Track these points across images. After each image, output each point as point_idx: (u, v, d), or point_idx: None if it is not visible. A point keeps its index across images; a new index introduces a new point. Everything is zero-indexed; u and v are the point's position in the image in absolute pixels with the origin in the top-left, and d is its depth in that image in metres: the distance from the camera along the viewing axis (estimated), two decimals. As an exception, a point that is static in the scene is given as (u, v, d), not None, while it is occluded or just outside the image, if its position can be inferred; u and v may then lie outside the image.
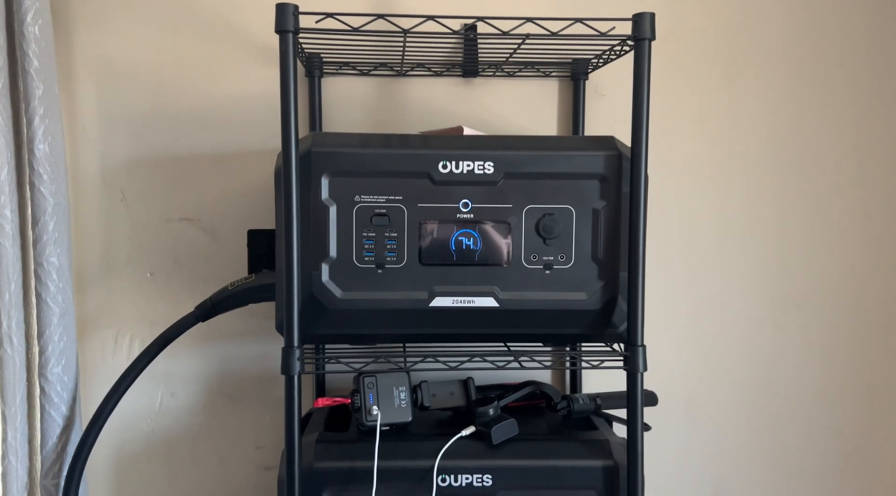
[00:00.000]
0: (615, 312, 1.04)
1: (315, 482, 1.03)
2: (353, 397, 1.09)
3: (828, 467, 1.41)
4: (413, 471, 1.04)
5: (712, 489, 1.40)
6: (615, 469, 1.04)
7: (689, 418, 1.39)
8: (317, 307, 1.02)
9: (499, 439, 1.06)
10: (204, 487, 1.33)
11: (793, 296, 1.40)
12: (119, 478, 1.31)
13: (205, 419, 1.33)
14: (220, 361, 1.33)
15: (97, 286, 1.30)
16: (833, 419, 1.41)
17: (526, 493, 1.04)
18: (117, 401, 1.12)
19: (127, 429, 1.31)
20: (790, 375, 1.41)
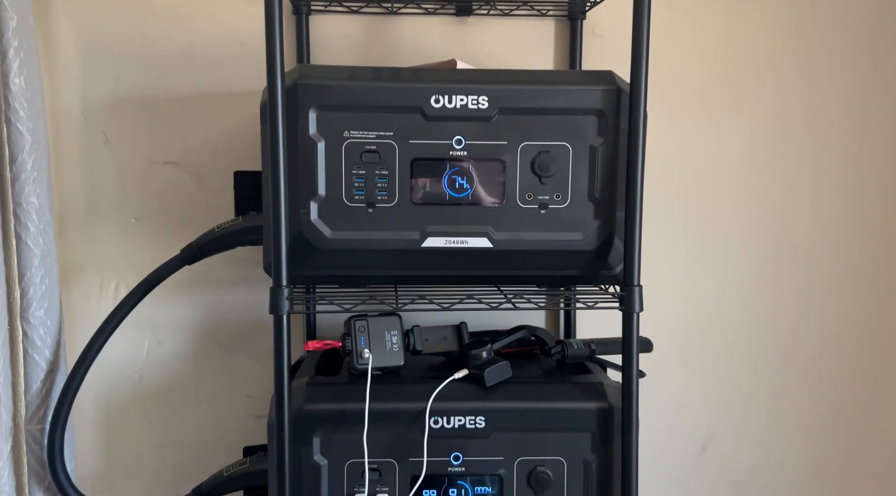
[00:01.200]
0: (611, 253, 1.02)
1: (305, 424, 1.02)
2: (344, 341, 1.07)
3: (824, 419, 1.41)
4: (405, 413, 1.03)
5: (704, 439, 1.40)
6: (609, 411, 1.03)
7: (685, 367, 1.38)
8: (305, 247, 0.99)
9: (492, 381, 1.05)
10: (194, 436, 1.31)
11: (794, 243, 1.38)
12: (107, 426, 1.30)
13: (193, 368, 1.31)
14: (209, 309, 1.31)
15: (80, 231, 1.27)
16: (831, 371, 1.41)
17: (519, 435, 1.03)
18: (102, 345, 1.09)
19: (114, 378, 1.29)
20: (789, 325, 1.39)
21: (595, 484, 1.04)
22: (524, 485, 1.04)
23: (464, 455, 1.03)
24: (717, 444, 1.39)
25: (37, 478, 1.11)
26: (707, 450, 1.39)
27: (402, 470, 1.03)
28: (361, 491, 1.02)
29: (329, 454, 1.02)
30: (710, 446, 1.39)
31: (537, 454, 1.04)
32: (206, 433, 1.32)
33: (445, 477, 1.04)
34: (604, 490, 1.04)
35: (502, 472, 1.03)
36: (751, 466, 1.40)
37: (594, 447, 1.04)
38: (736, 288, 1.38)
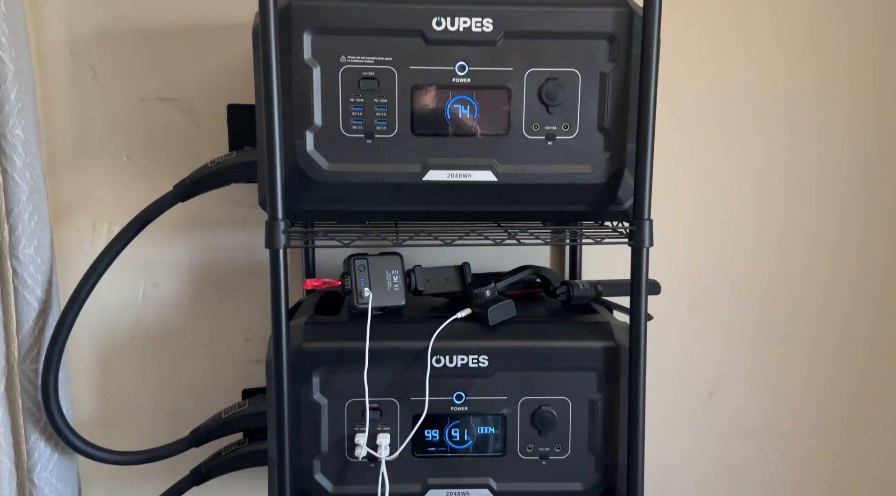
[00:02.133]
0: (621, 187, 0.98)
1: (305, 363, 0.99)
2: (344, 280, 1.04)
3: (833, 366, 1.38)
4: (407, 351, 1.00)
5: (711, 386, 1.37)
6: (616, 350, 1.00)
7: (692, 313, 1.35)
8: (302, 179, 0.95)
9: (496, 320, 1.02)
10: (192, 380, 1.29)
11: (805, 184, 1.34)
12: (103, 370, 1.28)
13: (190, 311, 1.29)
14: (205, 252, 1.27)
15: (71, 171, 1.23)
16: (841, 317, 1.37)
17: (523, 374, 1.00)
18: (95, 283, 1.06)
19: (109, 321, 1.27)
20: (798, 270, 1.36)
21: (600, 424, 1.01)
22: (528, 424, 1.02)
23: (466, 394, 1.01)
24: (723, 391, 1.37)
25: (32, 418, 1.09)
26: (713, 397, 1.37)
27: (404, 409, 1.01)
28: (362, 430, 1.00)
29: (329, 393, 1.00)
30: (716, 393, 1.37)
31: (542, 393, 1.01)
32: (204, 377, 1.30)
33: (448, 416, 1.01)
34: (609, 430, 1.02)
35: (506, 412, 1.01)
36: (757, 413, 1.38)
37: (600, 387, 1.01)
38: (745, 231, 1.34)
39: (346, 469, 1.01)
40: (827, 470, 1.40)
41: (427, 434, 1.02)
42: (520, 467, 1.02)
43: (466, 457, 1.02)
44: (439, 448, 1.02)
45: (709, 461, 1.38)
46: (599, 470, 1.02)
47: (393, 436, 1.01)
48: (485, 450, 1.02)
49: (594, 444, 1.02)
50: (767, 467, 1.39)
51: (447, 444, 1.02)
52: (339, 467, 1.01)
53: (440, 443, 1.02)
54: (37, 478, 1.09)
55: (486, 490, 1.02)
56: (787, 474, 1.39)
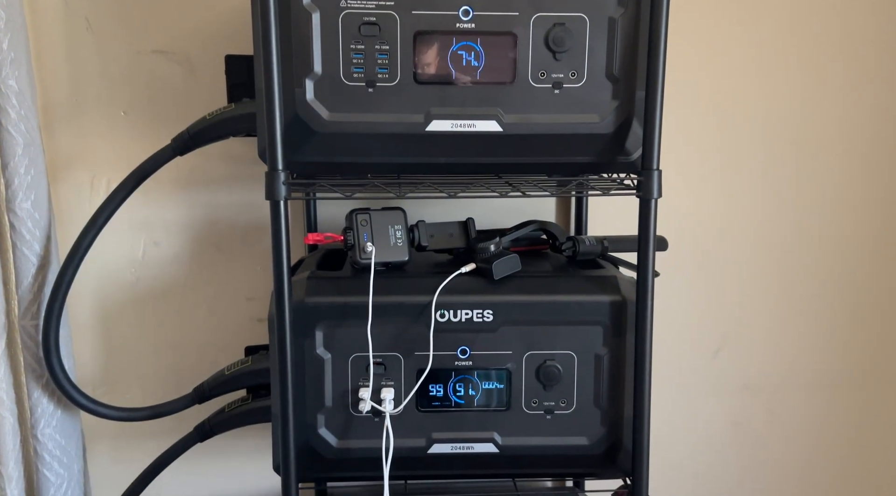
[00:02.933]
0: (629, 137, 0.95)
1: (307, 318, 0.98)
2: (346, 235, 1.02)
3: (840, 323, 1.37)
4: (410, 306, 0.99)
5: (718, 343, 1.36)
6: (623, 303, 0.99)
7: (700, 269, 1.34)
8: (302, 129, 0.93)
9: (500, 274, 1.00)
10: (194, 339, 1.29)
11: (816, 138, 1.31)
12: (105, 329, 1.27)
13: (192, 269, 1.27)
14: (205, 209, 1.26)
15: (67, 126, 1.20)
16: (848, 274, 1.36)
17: (528, 329, 0.99)
18: (94, 237, 1.05)
19: (110, 279, 1.26)
20: (808, 225, 1.34)
21: (606, 378, 1.01)
22: (533, 379, 1.01)
23: (471, 349, 1.00)
24: (730, 349, 1.36)
25: (34, 374, 1.09)
26: (720, 355, 1.36)
27: (408, 364, 1.00)
28: (366, 385, 0.99)
29: (332, 348, 0.99)
30: (723, 350, 1.36)
31: (547, 348, 1.00)
32: (206, 336, 1.29)
33: (452, 371, 1.01)
34: (615, 385, 1.01)
35: (511, 367, 1.00)
36: (764, 371, 1.37)
37: (606, 341, 1.00)
38: (753, 186, 1.32)
39: (351, 423, 1.01)
40: (833, 427, 1.40)
41: (431, 389, 1.01)
42: (524, 422, 1.01)
43: (471, 411, 1.01)
44: (443, 403, 1.01)
45: (714, 419, 1.38)
46: (605, 424, 1.02)
47: (397, 391, 1.00)
48: (489, 404, 1.01)
49: (600, 399, 1.01)
50: (773, 425, 1.39)
51: (451, 399, 1.01)
52: (343, 422, 1.00)
53: (444, 398, 1.01)
54: (40, 433, 1.09)
55: (490, 444, 1.01)
56: (793, 432, 1.39)
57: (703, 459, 1.39)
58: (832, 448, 1.40)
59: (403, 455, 1.00)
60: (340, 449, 1.01)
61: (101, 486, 1.28)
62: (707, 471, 1.39)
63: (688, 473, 1.39)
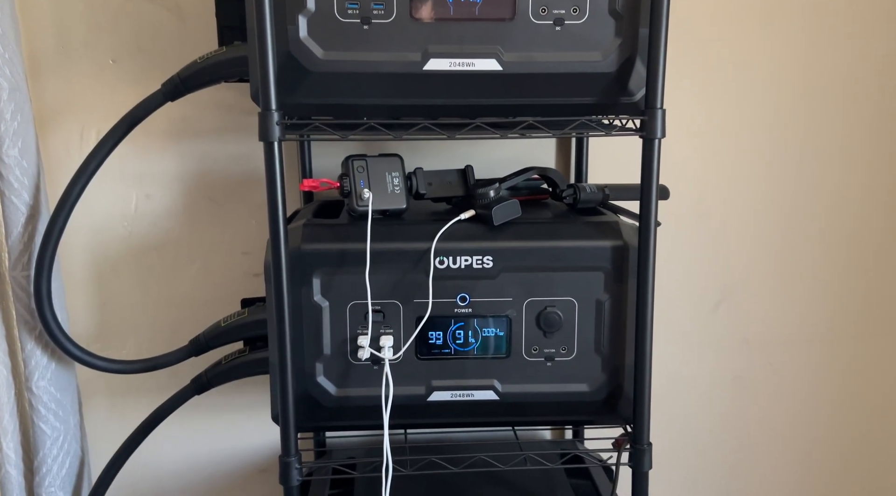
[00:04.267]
0: (632, 76, 0.93)
1: (304, 265, 0.96)
2: (342, 181, 1.00)
3: (841, 276, 1.36)
4: (409, 253, 0.97)
5: (718, 296, 1.35)
6: (625, 248, 0.98)
7: (701, 220, 1.32)
8: (295, 69, 0.90)
9: (500, 220, 0.98)
10: (189, 294, 1.27)
11: (820, 88, 1.29)
12: (99, 284, 1.25)
13: (185, 223, 1.25)
14: (198, 161, 1.23)
15: (54, 75, 1.17)
16: (850, 226, 1.34)
17: (529, 275, 0.98)
18: (85, 185, 1.02)
19: (102, 233, 1.24)
20: (810, 177, 1.32)
21: (607, 325, 0.99)
22: (533, 326, 1.00)
23: (471, 296, 0.99)
24: (730, 302, 1.35)
25: (26, 326, 1.07)
26: (720, 308, 1.35)
27: (407, 311, 0.98)
28: (365, 332, 0.98)
29: (330, 295, 0.97)
30: (723, 303, 1.35)
31: (547, 295, 0.99)
32: (202, 291, 1.27)
33: (451, 318, 0.99)
34: (616, 331, 1.00)
35: (511, 313, 0.99)
36: (764, 324, 1.36)
37: (607, 286, 0.99)
38: (756, 136, 1.30)
39: (350, 371, 0.99)
40: (833, 381, 1.39)
41: (431, 336, 1.00)
42: (525, 369, 1.00)
43: (471, 359, 1.00)
44: (443, 350, 1.00)
45: (714, 373, 1.37)
46: (606, 371, 1.01)
47: (396, 339, 0.99)
48: (489, 351, 1.00)
49: (600, 345, 1.00)
50: (773, 379, 1.38)
51: (451, 347, 1.00)
52: (342, 370, 0.99)
53: (444, 346, 1.00)
54: (35, 386, 1.07)
55: (490, 391, 1.01)
56: (793, 386, 1.39)
57: (702, 414, 1.39)
58: (832, 402, 1.40)
59: (403, 403, 0.99)
60: (339, 397, 1.00)
61: (98, 441, 1.27)
62: (706, 425, 1.39)
63: (687, 427, 1.39)
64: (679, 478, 1.40)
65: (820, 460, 1.42)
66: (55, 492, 1.11)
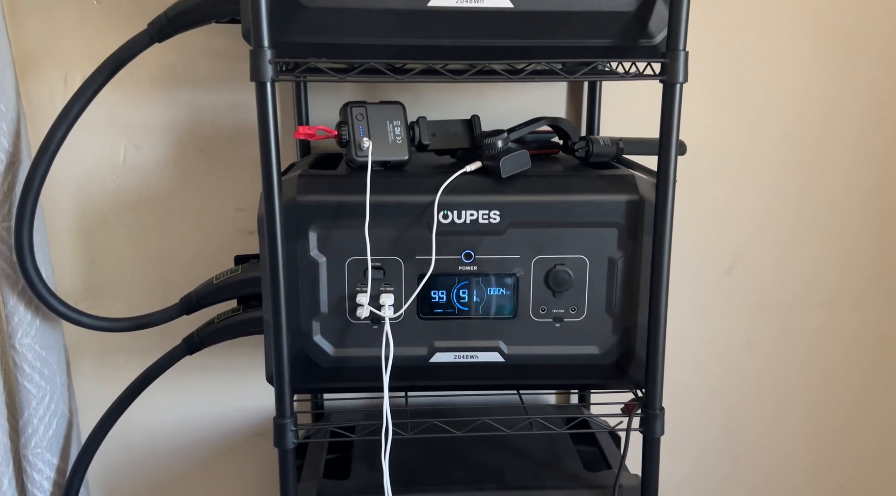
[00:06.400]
0: (652, 16, 0.86)
1: (300, 218, 0.91)
2: (341, 130, 0.94)
3: (858, 237, 1.30)
4: (411, 206, 0.92)
5: (732, 258, 1.30)
6: (640, 203, 0.92)
7: (717, 179, 1.26)
8: (289, 3, 0.83)
9: (508, 172, 0.92)
10: (181, 251, 1.22)
11: (841, 41, 1.21)
12: (87, 239, 1.20)
13: (176, 176, 1.19)
14: (188, 111, 1.17)
15: (35, 17, 1.10)
16: (868, 185, 1.28)
17: (538, 231, 0.92)
18: (68, 130, 0.96)
19: (90, 185, 1.18)
20: (829, 137, 1.26)
21: (619, 284, 0.94)
22: (542, 285, 0.94)
23: (476, 253, 0.93)
24: (745, 265, 1.30)
25: (8, 280, 1.02)
26: (734, 271, 1.30)
27: (409, 268, 0.93)
28: (364, 290, 0.93)
29: (327, 250, 0.92)
30: (737, 266, 1.30)
31: (557, 252, 0.94)
32: (193, 248, 1.22)
33: (455, 276, 0.94)
34: (628, 291, 0.95)
35: (518, 272, 0.94)
36: (778, 287, 1.31)
37: (621, 244, 0.93)
38: (776, 93, 1.23)
39: (348, 331, 0.95)
40: (848, 345, 1.34)
41: (434, 295, 0.95)
42: (532, 330, 0.96)
43: (475, 319, 0.95)
44: (446, 310, 0.95)
45: (726, 337, 1.32)
46: (617, 332, 0.96)
47: (397, 298, 0.94)
48: (495, 311, 0.95)
49: (612, 306, 0.95)
50: (786, 344, 1.34)
51: (455, 306, 0.95)
52: (340, 329, 0.94)
53: (447, 305, 0.95)
54: (18, 344, 1.02)
55: (495, 353, 0.96)
56: (807, 351, 1.34)
57: (713, 379, 1.34)
58: (846, 368, 1.36)
59: (404, 364, 0.95)
60: (337, 357, 0.95)
61: (87, 403, 1.23)
62: (717, 391, 1.35)
63: (698, 392, 1.35)
64: (687, 444, 1.36)
65: (832, 426, 1.38)
66: (42, 454, 1.07)
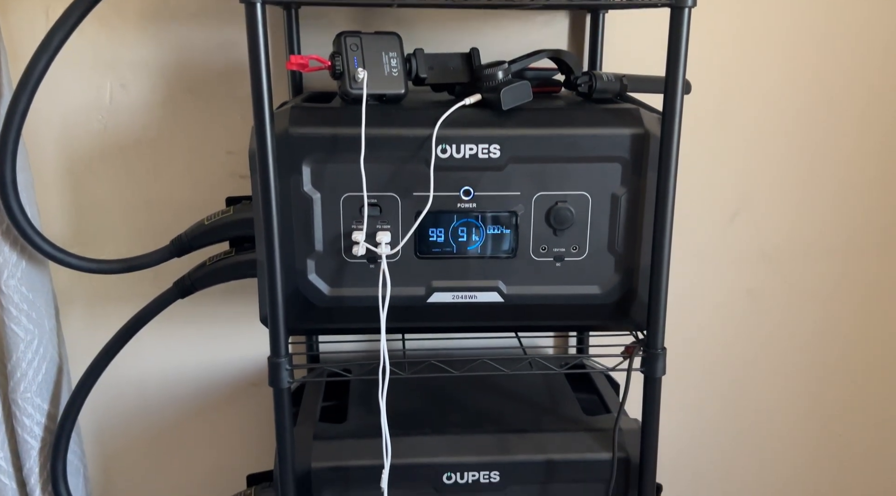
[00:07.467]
0: (662, -63, 0.83)
1: (293, 151, 0.87)
2: (334, 60, 0.90)
3: (866, 184, 1.28)
4: (408, 139, 0.88)
5: (735, 206, 1.28)
6: (645, 137, 0.89)
7: (721, 125, 1.23)
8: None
9: (510, 104, 0.89)
10: (170, 195, 1.18)
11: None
12: (73, 183, 1.16)
13: (165, 117, 1.15)
14: (176, 49, 1.13)
15: (13, -55, 1.06)
16: (880, 128, 1.25)
17: (539, 167, 0.89)
18: (50, 61, 0.92)
19: (75, 127, 1.14)
20: (836, 83, 1.22)
21: (622, 221, 0.92)
22: (542, 223, 0.92)
23: (475, 189, 0.91)
24: (748, 213, 1.28)
25: (-9, 220, 0.99)
26: (737, 218, 1.28)
27: (406, 205, 0.90)
28: (360, 227, 0.90)
29: (321, 186, 0.89)
30: (741, 213, 1.28)
31: (559, 188, 0.91)
32: (183, 192, 1.18)
33: (454, 214, 0.91)
34: (631, 229, 0.92)
35: (518, 209, 0.91)
36: (782, 237, 1.29)
37: (625, 179, 0.91)
38: (787, 33, 1.20)
39: (344, 269, 0.92)
40: (850, 296, 1.33)
41: (431, 233, 0.92)
42: (532, 269, 0.93)
43: (474, 258, 0.93)
44: (444, 248, 0.93)
45: (728, 286, 1.31)
46: (619, 272, 0.94)
47: (394, 235, 0.91)
48: (494, 250, 0.93)
49: (614, 244, 0.93)
50: (788, 293, 1.32)
51: (453, 245, 0.93)
52: (336, 268, 0.92)
53: (446, 244, 0.93)
54: (4, 285, 1.00)
55: (494, 293, 0.94)
56: (809, 301, 1.33)
57: (713, 328, 1.33)
58: (848, 317, 1.34)
59: (401, 304, 0.93)
60: (333, 297, 0.93)
61: (78, 352, 1.20)
62: (717, 339, 1.33)
63: (698, 342, 1.33)
64: (685, 392, 1.35)
65: (831, 375, 1.37)
66: (31, 399, 1.05)
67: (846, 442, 1.41)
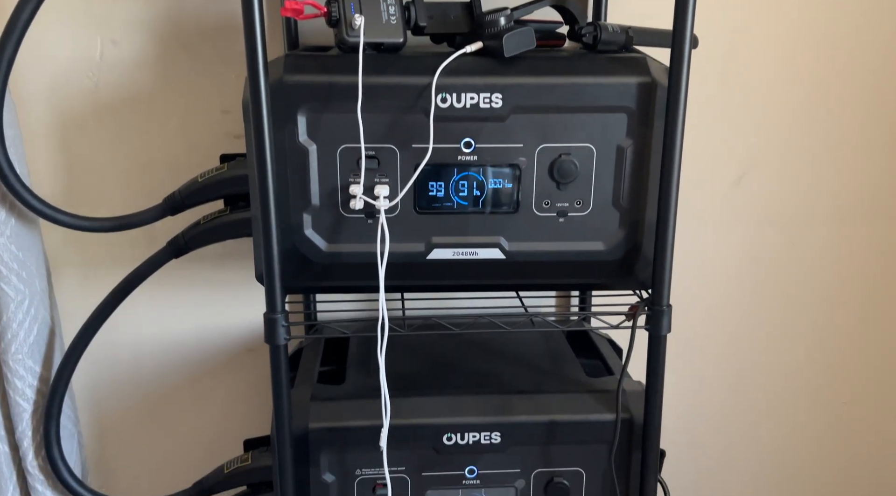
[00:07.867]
0: None
1: (287, 100, 0.84)
2: (330, 7, 0.87)
3: (875, 146, 1.25)
4: (407, 88, 0.86)
5: (740, 169, 1.25)
6: (652, 86, 0.86)
7: (726, 82, 1.20)
8: None
9: (512, 50, 0.86)
10: (164, 155, 1.15)
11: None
12: (63, 142, 1.13)
13: (157, 75, 1.12)
14: (169, 3, 1.09)
15: None
16: (889, 97, 1.23)
17: (542, 118, 0.87)
18: (35, 8, 0.88)
19: (66, 84, 1.11)
20: (848, 44, 1.19)
21: (628, 175, 0.89)
22: (545, 176, 0.89)
23: (476, 141, 0.88)
24: (753, 176, 1.25)
25: (-21, 176, 0.96)
26: (742, 182, 1.25)
27: (405, 158, 0.88)
28: (357, 180, 0.87)
29: (317, 137, 0.86)
30: (746, 177, 1.25)
31: (562, 140, 0.88)
32: (177, 153, 1.15)
33: (455, 167, 0.89)
34: (637, 182, 0.90)
35: (521, 162, 0.89)
36: (788, 202, 1.26)
37: (630, 131, 0.88)
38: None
39: (341, 224, 0.90)
40: (856, 262, 1.31)
41: (431, 187, 0.90)
42: (535, 225, 0.91)
43: (475, 213, 0.90)
44: (445, 203, 0.90)
45: (732, 252, 1.28)
46: (624, 228, 0.91)
47: (392, 189, 0.88)
48: (495, 205, 0.90)
49: (620, 199, 0.90)
50: (793, 258, 1.29)
51: (453, 199, 0.90)
52: (333, 222, 0.89)
53: (446, 198, 0.90)
54: (-7, 242, 0.97)
55: (496, 249, 0.91)
56: (815, 268, 1.30)
57: (715, 293, 1.30)
58: (854, 283, 1.32)
59: (400, 261, 0.90)
60: (330, 253, 0.90)
61: (70, 315, 1.18)
62: (719, 305, 1.31)
63: (700, 308, 1.31)
64: (687, 357, 1.33)
65: (836, 343, 1.35)
66: (23, 360, 1.03)
67: (852, 411, 1.39)
